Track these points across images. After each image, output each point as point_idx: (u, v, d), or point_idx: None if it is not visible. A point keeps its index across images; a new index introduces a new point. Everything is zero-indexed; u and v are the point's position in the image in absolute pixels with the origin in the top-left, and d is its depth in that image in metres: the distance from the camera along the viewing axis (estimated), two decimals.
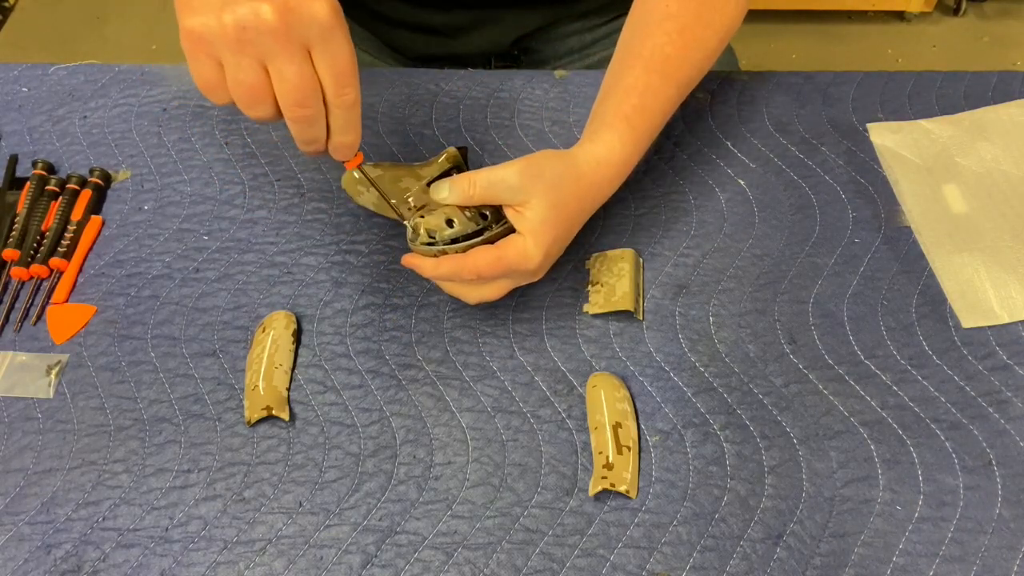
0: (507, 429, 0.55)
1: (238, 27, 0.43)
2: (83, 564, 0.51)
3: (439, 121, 0.71)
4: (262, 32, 0.43)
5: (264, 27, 0.43)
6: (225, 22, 0.43)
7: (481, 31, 0.81)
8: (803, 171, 0.67)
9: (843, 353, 0.58)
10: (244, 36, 0.43)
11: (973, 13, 1.97)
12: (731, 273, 0.62)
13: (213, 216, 0.66)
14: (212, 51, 0.44)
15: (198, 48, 0.44)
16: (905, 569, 0.50)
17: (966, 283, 0.60)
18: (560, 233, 0.54)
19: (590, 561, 0.51)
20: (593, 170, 0.55)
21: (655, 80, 0.57)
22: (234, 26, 0.43)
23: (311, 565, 0.51)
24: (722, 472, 0.53)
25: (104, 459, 0.55)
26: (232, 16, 0.43)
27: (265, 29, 0.43)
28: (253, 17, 0.43)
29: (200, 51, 0.44)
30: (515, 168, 0.52)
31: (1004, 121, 0.69)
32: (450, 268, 0.53)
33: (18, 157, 0.69)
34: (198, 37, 0.44)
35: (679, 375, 0.57)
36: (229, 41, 0.43)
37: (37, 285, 0.63)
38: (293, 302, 0.61)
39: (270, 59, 0.44)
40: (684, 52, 0.58)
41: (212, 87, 0.46)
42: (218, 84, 0.46)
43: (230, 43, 0.43)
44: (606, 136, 0.56)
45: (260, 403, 0.55)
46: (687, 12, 0.58)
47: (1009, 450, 0.53)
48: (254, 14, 0.43)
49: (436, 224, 0.54)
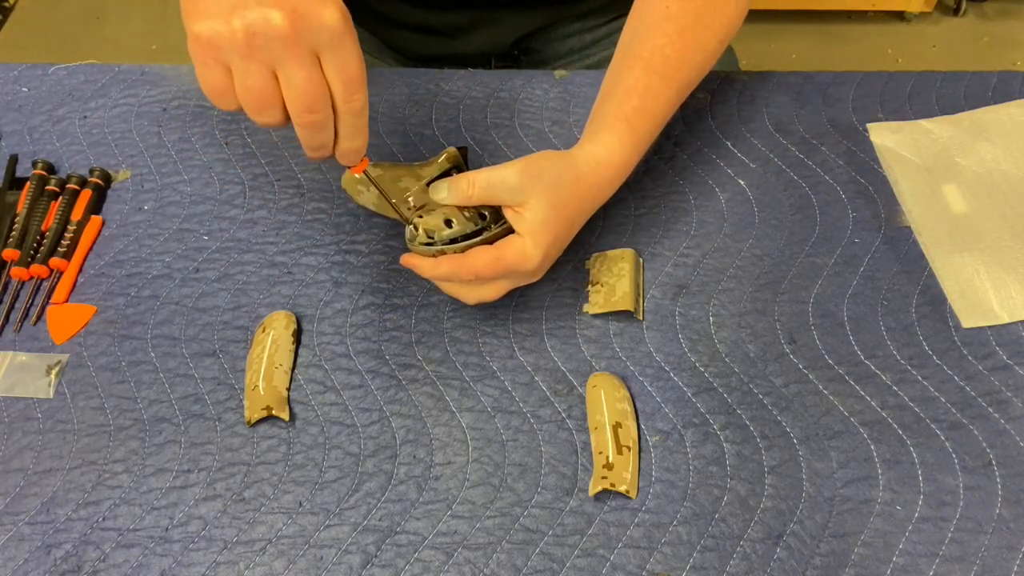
0: (507, 429, 0.55)
1: (248, 32, 0.42)
2: (83, 564, 0.51)
3: (439, 121, 0.71)
4: (272, 38, 0.43)
5: (274, 33, 0.43)
6: (235, 27, 0.42)
7: (481, 31, 0.81)
8: (803, 171, 0.67)
9: (843, 353, 0.58)
10: (253, 41, 0.43)
11: (973, 13, 1.97)
12: (731, 273, 0.62)
13: (213, 216, 0.66)
14: (220, 56, 0.44)
15: (206, 53, 0.44)
16: (905, 569, 0.50)
17: (966, 283, 0.60)
18: (559, 234, 0.54)
19: (590, 561, 0.51)
20: (593, 171, 0.55)
21: (655, 81, 0.57)
22: (244, 31, 0.42)
23: (311, 565, 0.51)
24: (722, 472, 0.53)
25: (104, 459, 0.55)
26: (242, 21, 0.42)
27: (275, 35, 0.43)
28: (263, 23, 0.42)
29: (208, 56, 0.44)
30: (514, 169, 0.52)
31: (1004, 121, 0.69)
32: (448, 268, 0.53)
33: (18, 157, 0.69)
34: (206, 42, 0.43)
35: (679, 375, 0.57)
36: (238, 46, 0.43)
37: (37, 285, 0.63)
38: (293, 302, 0.61)
39: (279, 65, 0.44)
40: (684, 54, 0.58)
41: (220, 93, 0.45)
42: (226, 90, 0.45)
43: (239, 48, 0.43)
44: (606, 137, 0.56)
45: (260, 403, 0.55)
46: (687, 14, 0.58)
47: (1009, 450, 0.53)
48: (264, 20, 0.42)
49: (435, 224, 0.54)
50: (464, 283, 0.54)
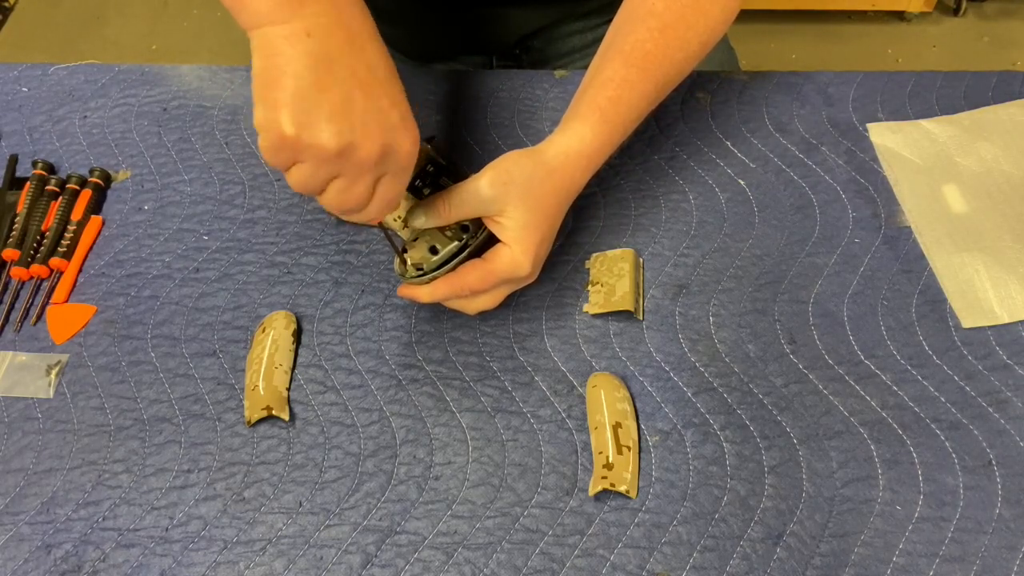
0: (507, 429, 0.55)
1: (343, 149, 0.43)
2: (83, 564, 0.51)
3: (439, 121, 0.71)
4: (359, 162, 0.44)
5: (367, 159, 0.44)
6: (327, 144, 0.43)
7: (485, 30, 0.81)
8: (803, 171, 0.67)
9: (843, 353, 0.58)
10: (340, 156, 0.44)
11: (973, 13, 1.97)
12: (731, 273, 0.62)
13: (213, 216, 0.66)
14: (295, 156, 0.44)
15: (282, 150, 0.44)
16: (905, 569, 0.50)
17: (966, 283, 0.60)
18: (544, 233, 0.54)
19: (590, 561, 0.51)
20: (563, 163, 0.55)
21: (633, 74, 0.57)
22: (339, 148, 0.43)
23: (311, 565, 0.51)
24: (722, 472, 0.53)
25: (104, 459, 0.55)
26: (341, 140, 0.43)
27: (366, 160, 0.44)
28: (363, 151, 0.44)
29: (285, 153, 0.44)
30: (484, 180, 0.52)
31: (1004, 121, 0.69)
32: (445, 291, 0.54)
33: (18, 157, 0.69)
34: (293, 141, 0.43)
35: (679, 375, 0.57)
36: (327, 156, 0.43)
37: (37, 285, 0.63)
38: (293, 302, 0.61)
39: (345, 176, 0.46)
40: (664, 50, 0.58)
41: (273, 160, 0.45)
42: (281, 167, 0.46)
43: (326, 158, 0.44)
44: (578, 127, 0.56)
45: (260, 403, 0.55)
46: (671, 12, 0.58)
47: (1009, 450, 0.53)
48: (366, 150, 0.44)
49: (421, 256, 0.55)
50: (463, 297, 0.55)
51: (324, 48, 0.43)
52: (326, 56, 0.43)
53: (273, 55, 0.42)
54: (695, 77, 0.72)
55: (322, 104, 0.42)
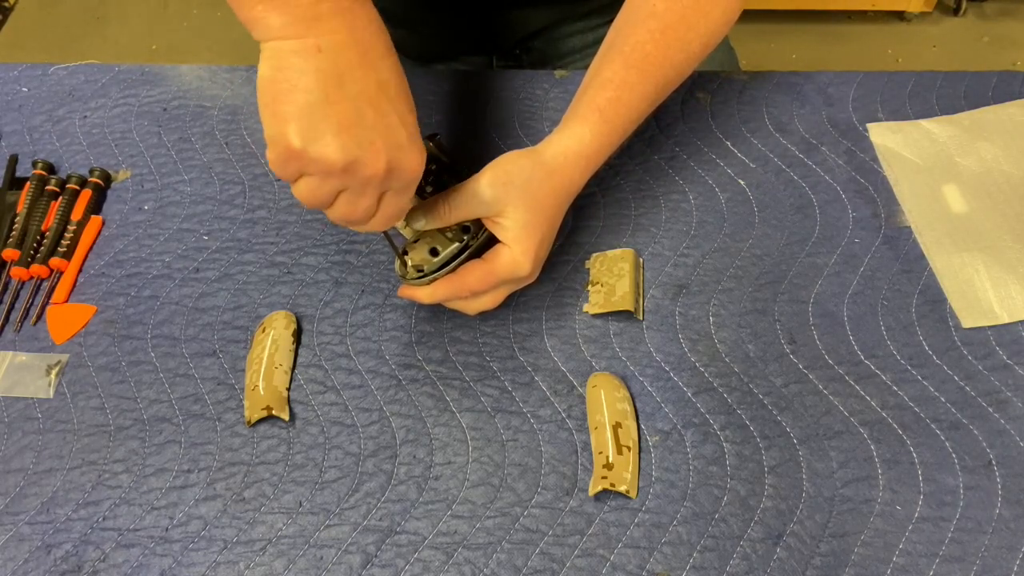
0: (507, 429, 0.55)
1: (348, 164, 0.44)
2: (83, 564, 0.51)
3: (439, 121, 0.71)
4: (364, 178, 0.45)
5: (373, 175, 0.45)
6: (334, 158, 0.43)
7: (486, 31, 0.81)
8: (803, 171, 0.67)
9: (843, 353, 0.58)
10: (345, 171, 0.44)
11: (973, 13, 1.97)
12: (731, 273, 0.62)
13: (213, 216, 0.66)
14: (301, 168, 0.44)
15: (289, 162, 0.44)
16: (905, 569, 0.50)
17: (966, 283, 0.60)
18: (543, 234, 0.54)
19: (590, 561, 0.51)
20: (562, 164, 0.55)
21: (632, 75, 0.57)
22: (344, 163, 0.43)
23: (311, 565, 0.51)
24: (722, 472, 0.53)
25: (104, 459, 0.55)
26: (347, 155, 0.43)
27: (371, 176, 0.45)
28: (369, 167, 0.44)
29: (292, 165, 0.44)
30: (484, 180, 0.52)
31: (1004, 121, 0.69)
32: (445, 291, 0.54)
33: (18, 157, 0.69)
34: (299, 153, 0.43)
35: (679, 375, 0.57)
36: (333, 170, 0.44)
37: (37, 285, 0.63)
38: (293, 302, 0.61)
39: (350, 191, 0.46)
40: (665, 52, 0.58)
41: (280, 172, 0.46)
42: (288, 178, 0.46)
43: (332, 172, 0.44)
44: (577, 128, 0.56)
45: (260, 403, 0.55)
46: (672, 13, 0.58)
47: (1009, 450, 0.53)
48: (372, 166, 0.44)
49: (421, 258, 0.55)
50: (463, 298, 0.55)
51: (335, 64, 0.43)
52: (336, 72, 0.43)
53: (283, 68, 0.43)
54: (695, 77, 0.72)
55: (330, 118, 0.43)
